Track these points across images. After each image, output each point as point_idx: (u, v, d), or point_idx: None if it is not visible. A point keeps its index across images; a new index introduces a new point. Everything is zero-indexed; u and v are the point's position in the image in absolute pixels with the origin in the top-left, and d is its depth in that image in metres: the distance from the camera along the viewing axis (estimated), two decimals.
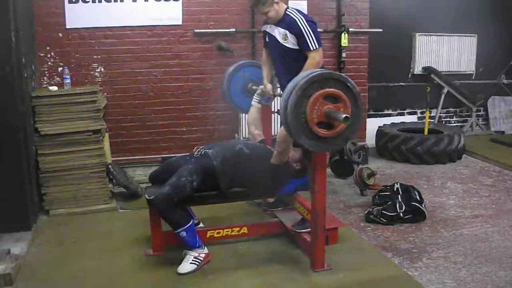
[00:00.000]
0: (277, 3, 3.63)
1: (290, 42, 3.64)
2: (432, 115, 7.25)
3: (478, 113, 7.81)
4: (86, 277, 3.33)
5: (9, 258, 3.44)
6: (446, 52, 7.35)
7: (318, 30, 3.72)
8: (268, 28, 3.82)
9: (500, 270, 3.40)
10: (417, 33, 7.14)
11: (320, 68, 3.57)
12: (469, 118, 7.75)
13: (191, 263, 3.35)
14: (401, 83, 7.27)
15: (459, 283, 3.23)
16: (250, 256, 3.61)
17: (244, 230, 3.75)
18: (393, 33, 6.60)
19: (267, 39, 3.91)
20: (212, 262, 3.46)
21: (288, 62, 3.73)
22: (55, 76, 5.10)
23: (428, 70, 7.25)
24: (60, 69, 5.04)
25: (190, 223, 3.34)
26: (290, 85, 2.99)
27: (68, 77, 4.78)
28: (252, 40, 5.58)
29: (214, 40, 5.48)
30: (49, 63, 5.09)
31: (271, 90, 3.98)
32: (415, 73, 7.27)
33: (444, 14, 7.16)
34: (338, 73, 3.09)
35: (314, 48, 3.56)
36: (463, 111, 7.79)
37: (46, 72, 5.09)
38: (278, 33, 3.71)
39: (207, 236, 3.64)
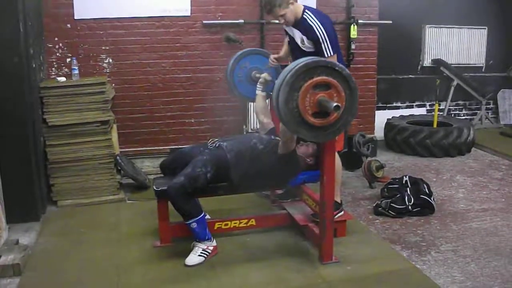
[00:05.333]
0: (292, 3, 3.60)
1: (307, 46, 3.66)
2: (441, 107, 7.22)
3: (488, 106, 7.77)
4: (94, 267, 3.34)
5: (18, 248, 3.46)
6: (456, 45, 7.31)
7: None
8: (287, 28, 3.80)
9: (509, 264, 3.38)
10: (427, 25, 7.09)
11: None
12: (478, 111, 7.70)
13: (199, 255, 3.35)
14: (410, 75, 7.24)
15: (468, 276, 3.22)
16: (257, 248, 3.60)
17: (252, 222, 3.75)
18: (402, 25, 6.57)
19: (287, 38, 3.91)
20: (219, 254, 3.46)
21: None
22: (63, 67, 5.09)
23: (438, 63, 7.20)
24: (68, 60, 5.04)
25: (202, 215, 3.34)
26: (278, 81, 2.94)
27: (76, 68, 4.76)
28: (261, 31, 5.55)
29: (222, 31, 5.46)
30: (57, 54, 5.08)
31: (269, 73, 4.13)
32: (424, 65, 7.24)
33: (454, 6, 7.11)
34: (324, 59, 3.08)
35: (329, 55, 3.56)
36: (473, 104, 7.73)
37: (54, 63, 5.09)
38: (297, 35, 3.70)
39: (215, 228, 3.64)
